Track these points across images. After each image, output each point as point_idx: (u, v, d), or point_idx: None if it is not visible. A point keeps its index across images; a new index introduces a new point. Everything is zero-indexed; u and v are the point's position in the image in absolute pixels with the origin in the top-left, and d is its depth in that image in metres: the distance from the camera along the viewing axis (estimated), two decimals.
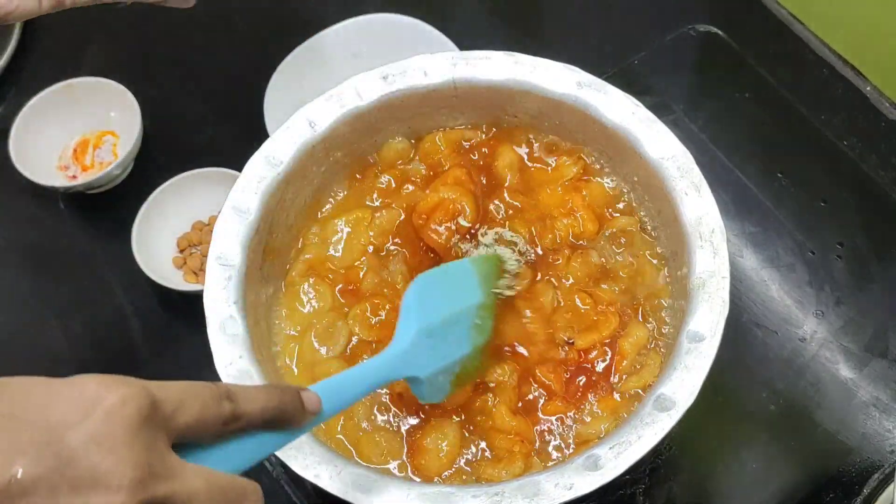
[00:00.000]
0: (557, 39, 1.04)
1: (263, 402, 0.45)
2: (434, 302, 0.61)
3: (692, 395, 0.59)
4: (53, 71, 0.99)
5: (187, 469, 0.40)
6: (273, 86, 0.96)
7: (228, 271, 0.66)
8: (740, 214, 0.89)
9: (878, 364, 0.81)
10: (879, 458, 0.76)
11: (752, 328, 0.83)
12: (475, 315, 0.64)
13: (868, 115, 0.93)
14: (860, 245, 0.87)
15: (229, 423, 0.43)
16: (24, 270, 0.93)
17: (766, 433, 0.78)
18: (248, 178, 0.69)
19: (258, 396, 0.45)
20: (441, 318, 0.61)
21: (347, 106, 0.72)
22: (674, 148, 0.69)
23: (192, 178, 0.90)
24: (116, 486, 0.37)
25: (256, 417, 0.44)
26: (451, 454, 0.64)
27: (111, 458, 0.37)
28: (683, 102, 0.96)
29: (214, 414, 0.42)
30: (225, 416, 0.42)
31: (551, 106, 0.73)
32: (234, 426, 0.43)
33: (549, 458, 0.65)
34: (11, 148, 0.91)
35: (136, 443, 0.38)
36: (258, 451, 0.45)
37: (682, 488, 0.76)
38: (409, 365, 0.58)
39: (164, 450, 0.39)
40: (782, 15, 1.01)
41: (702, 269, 0.64)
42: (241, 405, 0.43)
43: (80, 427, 0.37)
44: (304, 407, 0.47)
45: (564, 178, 0.74)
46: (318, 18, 1.01)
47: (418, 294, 0.61)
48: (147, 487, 0.38)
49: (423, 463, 0.64)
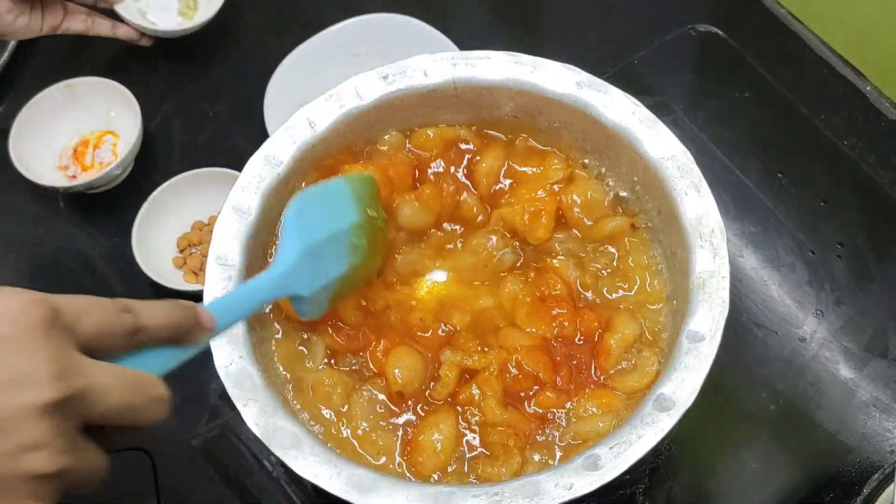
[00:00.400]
0: (557, 39, 1.04)
1: (163, 317, 0.47)
2: (314, 220, 0.63)
3: (692, 395, 0.59)
4: (53, 71, 1.00)
5: (98, 365, 0.43)
6: (273, 86, 0.96)
7: (228, 271, 0.66)
8: (740, 214, 0.89)
9: (878, 364, 0.81)
10: (879, 458, 0.76)
11: (752, 328, 0.83)
12: (352, 234, 0.66)
13: (868, 115, 0.93)
14: (860, 245, 0.87)
15: (132, 335, 0.45)
16: (24, 270, 0.93)
17: (766, 433, 0.78)
18: (248, 178, 0.69)
19: (158, 311, 0.47)
20: (321, 237, 0.63)
21: (347, 106, 0.72)
22: (674, 148, 0.69)
23: (192, 178, 0.90)
24: (37, 380, 0.39)
25: (157, 331, 0.47)
26: (447, 450, 0.64)
27: (25, 357, 0.40)
28: (683, 102, 0.96)
29: (116, 324, 0.44)
30: (126, 327, 0.45)
31: (551, 106, 0.72)
32: (136, 338, 0.46)
33: (547, 452, 0.65)
34: (11, 148, 0.91)
35: (45, 343, 0.40)
36: (163, 363, 0.48)
37: (682, 488, 0.76)
38: (293, 283, 0.60)
39: (72, 351, 0.42)
40: (782, 15, 1.01)
41: (702, 269, 0.64)
42: (142, 318, 0.46)
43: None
44: (201, 323, 0.50)
45: (548, 182, 0.74)
46: (318, 18, 1.01)
47: (298, 213, 0.63)
48: (65, 381, 0.40)
49: (421, 461, 0.64)
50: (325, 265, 0.63)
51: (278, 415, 0.60)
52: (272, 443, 0.59)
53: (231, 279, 0.65)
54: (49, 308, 0.41)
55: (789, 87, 0.96)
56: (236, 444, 0.79)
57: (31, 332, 0.40)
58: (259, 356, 0.64)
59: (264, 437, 0.59)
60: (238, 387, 0.61)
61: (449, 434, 0.64)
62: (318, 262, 0.63)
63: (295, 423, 0.60)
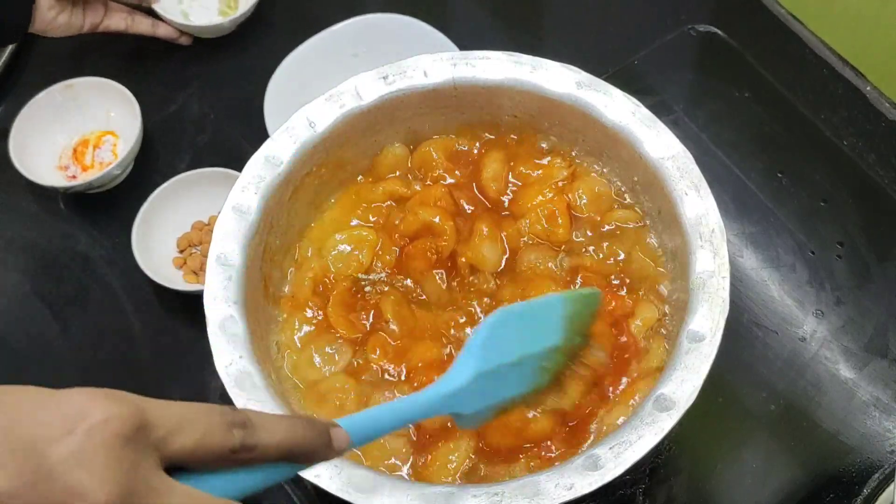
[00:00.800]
0: (557, 39, 1.04)
1: (283, 436, 0.42)
2: (504, 342, 0.56)
3: (692, 395, 0.59)
4: (53, 71, 0.99)
5: (175, 489, 0.38)
6: (273, 86, 0.96)
7: (228, 271, 0.66)
8: (740, 214, 0.89)
9: (878, 364, 0.81)
10: (879, 458, 0.76)
11: (752, 328, 0.83)
12: (545, 357, 0.59)
13: (868, 115, 0.93)
14: (860, 245, 0.87)
15: (239, 453, 0.40)
16: (24, 270, 0.93)
17: (766, 433, 0.78)
18: (248, 178, 0.69)
19: (278, 429, 0.42)
20: (507, 361, 0.56)
21: (347, 106, 0.72)
22: (674, 148, 0.69)
23: (192, 178, 0.90)
24: (93, 502, 0.35)
25: (272, 450, 0.41)
26: (459, 465, 0.64)
27: (88, 476, 0.36)
28: (683, 102, 0.96)
29: (220, 442, 0.39)
30: (233, 445, 0.40)
31: (551, 106, 0.73)
32: (244, 456, 0.40)
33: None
34: (11, 148, 0.91)
35: (117, 462, 0.36)
36: (267, 479, 0.42)
37: (682, 488, 0.76)
38: (456, 404, 0.54)
39: (149, 470, 0.38)
40: (782, 15, 1.01)
41: (702, 269, 0.64)
42: (257, 436, 0.41)
43: (61, 443, 0.36)
44: (332, 445, 0.44)
45: (553, 181, 0.74)
46: (318, 18, 1.01)
47: (489, 332, 0.56)
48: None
49: (430, 472, 0.64)
50: (501, 386, 0.57)
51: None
52: None
53: (231, 279, 0.65)
54: (135, 424, 0.37)
55: (789, 87, 0.96)
56: None
57: (105, 448, 0.36)
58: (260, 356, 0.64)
59: None
60: (238, 387, 0.61)
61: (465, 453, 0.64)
62: (494, 383, 0.56)
63: None
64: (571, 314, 0.60)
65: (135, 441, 0.37)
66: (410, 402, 0.52)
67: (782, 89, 0.96)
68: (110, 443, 0.36)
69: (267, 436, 0.41)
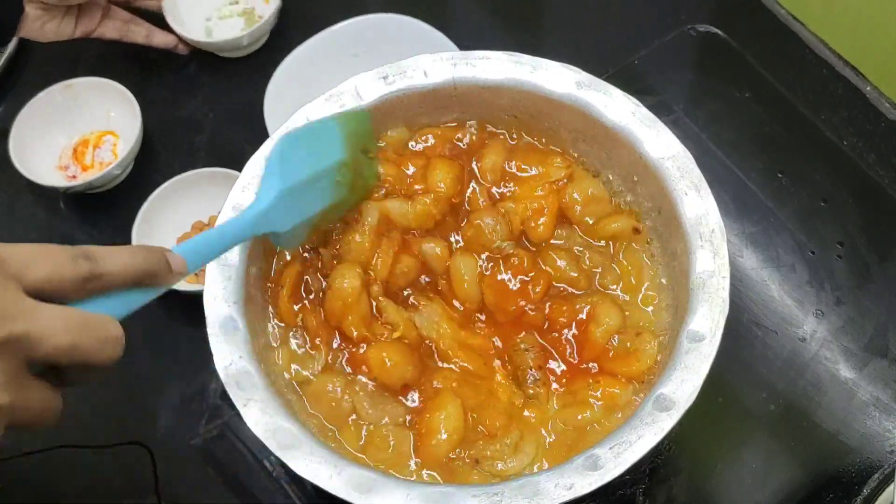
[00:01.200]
0: (557, 39, 1.04)
1: (126, 262, 0.47)
2: (297, 161, 0.63)
3: (692, 395, 0.59)
4: (53, 71, 1.00)
5: (43, 308, 0.44)
6: (273, 86, 0.96)
7: (228, 271, 0.66)
8: (740, 214, 0.89)
9: (878, 364, 0.81)
10: (879, 458, 0.76)
11: (752, 328, 0.83)
12: (336, 172, 0.66)
13: (868, 115, 0.93)
14: (860, 245, 0.87)
15: (90, 281, 0.46)
16: None
17: (765, 433, 0.78)
18: (248, 178, 0.69)
19: (120, 257, 0.47)
20: (303, 177, 0.63)
21: (347, 106, 0.72)
22: (674, 148, 0.69)
23: (192, 178, 0.90)
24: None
25: (119, 276, 0.47)
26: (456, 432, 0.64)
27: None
28: (683, 102, 0.96)
29: (70, 271, 0.45)
30: (82, 273, 0.45)
31: (551, 106, 0.72)
32: (94, 284, 0.46)
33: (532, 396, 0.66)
34: (11, 148, 0.91)
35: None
36: (123, 306, 0.48)
37: (682, 488, 0.76)
38: (269, 223, 0.61)
39: (15, 294, 0.43)
40: (782, 15, 1.01)
41: (702, 269, 0.64)
42: (101, 264, 0.46)
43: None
44: (171, 268, 0.50)
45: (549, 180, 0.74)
46: (318, 18, 1.01)
47: (281, 153, 0.63)
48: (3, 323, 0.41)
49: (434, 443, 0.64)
50: (305, 203, 0.64)
51: (278, 415, 0.60)
52: (272, 443, 0.59)
53: (231, 279, 0.65)
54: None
55: (789, 87, 0.96)
56: (236, 444, 0.79)
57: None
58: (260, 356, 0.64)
59: (264, 437, 0.59)
60: (238, 387, 0.61)
61: (455, 413, 0.65)
62: (298, 200, 0.63)
63: (295, 423, 0.60)
64: (349, 133, 0.68)
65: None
66: (231, 224, 0.59)
67: (782, 89, 0.96)
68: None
69: (112, 264, 0.47)
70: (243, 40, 0.99)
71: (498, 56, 0.73)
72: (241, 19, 1.04)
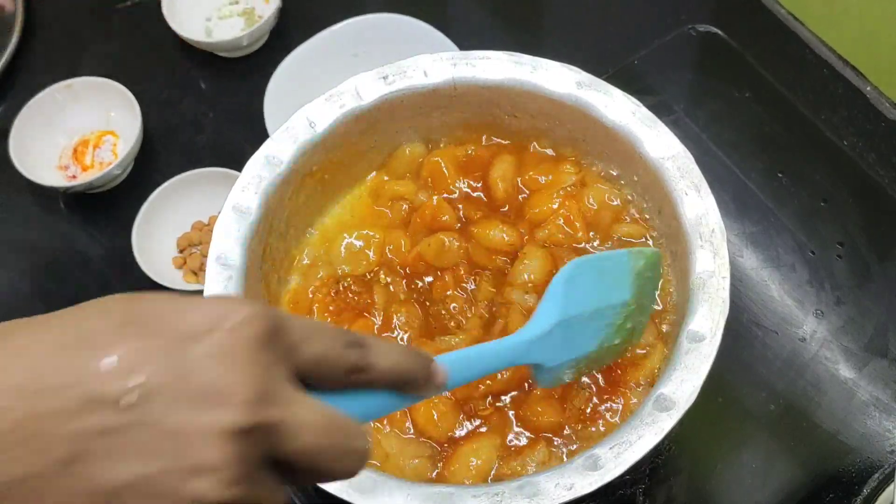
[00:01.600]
0: (557, 39, 1.04)
1: (395, 360, 0.42)
2: (581, 292, 0.58)
3: (692, 395, 0.59)
4: (53, 71, 1.00)
5: (305, 400, 0.38)
6: (273, 86, 0.96)
7: (228, 271, 0.66)
8: (740, 214, 0.89)
9: (878, 364, 0.81)
10: (879, 458, 0.76)
11: (752, 328, 0.83)
12: (616, 313, 0.60)
13: (868, 115, 0.93)
14: (860, 245, 0.87)
15: (354, 373, 0.41)
16: (24, 270, 0.93)
17: (765, 433, 0.78)
18: (248, 178, 0.69)
19: (391, 353, 0.42)
20: (586, 311, 0.58)
21: (347, 106, 0.72)
22: (674, 148, 0.69)
23: (192, 178, 0.90)
24: (231, 403, 0.35)
25: (384, 374, 0.42)
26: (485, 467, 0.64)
27: (230, 374, 0.36)
28: (684, 102, 0.96)
29: (340, 356, 0.40)
30: (351, 362, 0.41)
31: (551, 106, 0.72)
32: (358, 377, 0.41)
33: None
34: (11, 148, 0.91)
35: (255, 363, 0.36)
36: (376, 408, 0.43)
37: (682, 488, 0.76)
38: (539, 352, 0.55)
39: (282, 377, 0.38)
40: (782, 15, 1.01)
41: (702, 269, 0.64)
42: (371, 357, 0.41)
43: (203, 341, 0.36)
44: (432, 378, 0.45)
45: (562, 186, 0.74)
46: (318, 18, 1.01)
47: (567, 281, 0.57)
48: (261, 409, 0.36)
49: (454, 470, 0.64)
50: (579, 339, 0.58)
51: None
52: None
53: (231, 279, 0.65)
54: (274, 326, 0.37)
55: (789, 87, 0.96)
56: None
57: (246, 346, 0.36)
58: None
59: None
60: None
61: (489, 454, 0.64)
62: (574, 335, 0.57)
63: None
64: (638, 271, 0.61)
65: (272, 344, 0.37)
66: (497, 346, 0.53)
67: (782, 89, 0.96)
68: (251, 343, 0.36)
69: (380, 358, 0.42)
70: (243, 40, 0.99)
71: (498, 56, 0.73)
72: (241, 19, 1.04)
